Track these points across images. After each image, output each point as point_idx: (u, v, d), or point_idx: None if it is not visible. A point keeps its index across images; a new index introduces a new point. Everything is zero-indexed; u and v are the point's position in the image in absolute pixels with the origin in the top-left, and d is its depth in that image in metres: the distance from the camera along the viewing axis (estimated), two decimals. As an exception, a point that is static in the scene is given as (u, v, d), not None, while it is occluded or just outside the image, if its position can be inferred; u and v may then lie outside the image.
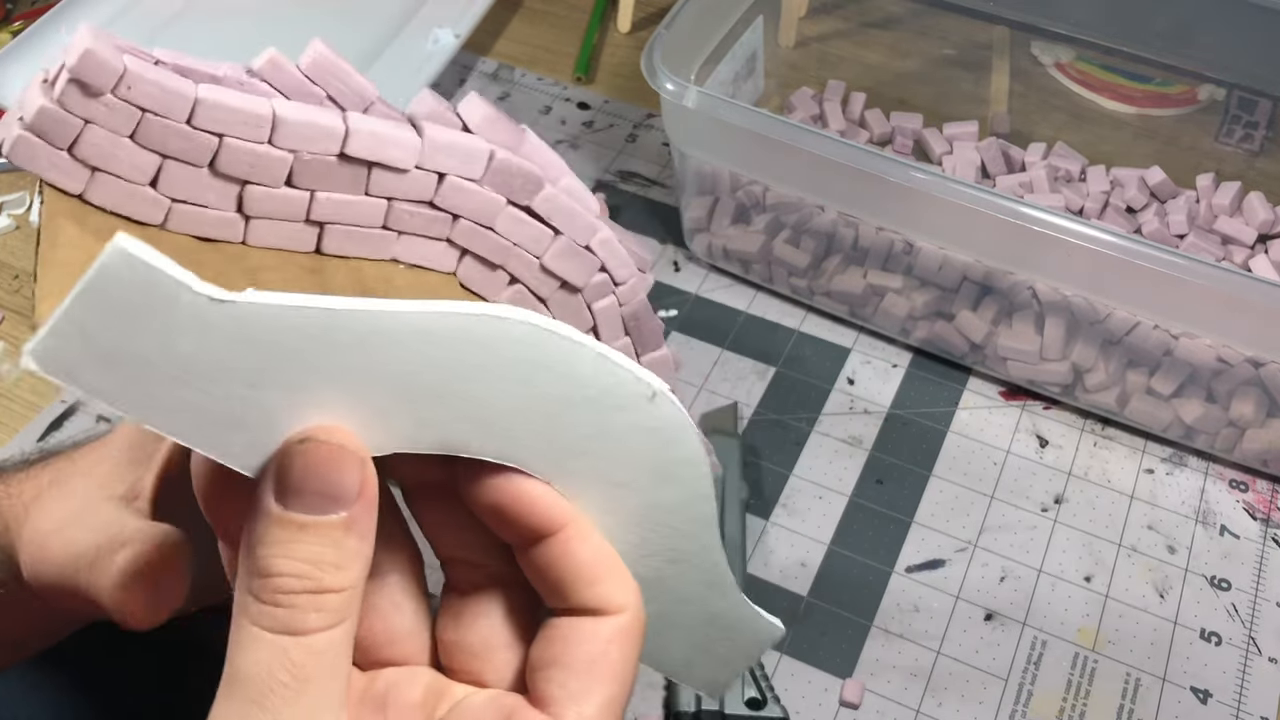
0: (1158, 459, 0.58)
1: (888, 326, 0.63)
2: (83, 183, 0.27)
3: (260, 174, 0.27)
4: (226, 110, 0.26)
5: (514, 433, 0.24)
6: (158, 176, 0.27)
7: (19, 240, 0.69)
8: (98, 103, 0.26)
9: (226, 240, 0.28)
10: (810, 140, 0.55)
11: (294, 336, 0.22)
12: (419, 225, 0.30)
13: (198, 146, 0.27)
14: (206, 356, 0.22)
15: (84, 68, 0.26)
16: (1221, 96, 0.67)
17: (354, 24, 0.78)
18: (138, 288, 0.21)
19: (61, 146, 0.27)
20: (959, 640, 0.52)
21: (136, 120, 0.26)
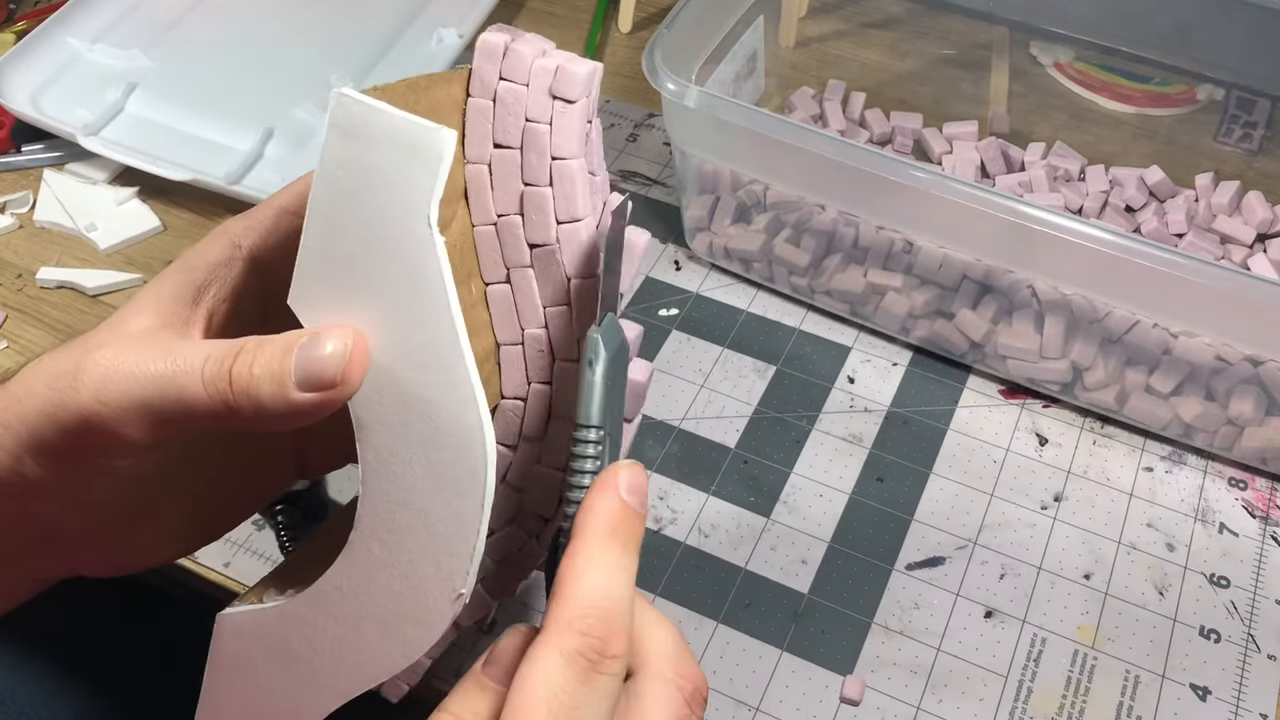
0: (1157, 457, 0.58)
1: (888, 325, 0.63)
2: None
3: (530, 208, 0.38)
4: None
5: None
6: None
7: (22, 239, 0.69)
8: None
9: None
10: (811, 140, 0.55)
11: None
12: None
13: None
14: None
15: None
16: (1220, 96, 0.68)
17: (358, 24, 0.79)
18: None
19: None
20: (959, 637, 0.52)
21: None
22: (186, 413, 0.33)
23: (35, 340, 0.64)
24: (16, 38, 0.77)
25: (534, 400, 0.40)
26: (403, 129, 0.31)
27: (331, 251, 0.33)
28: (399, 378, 0.33)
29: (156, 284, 0.37)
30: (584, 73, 0.37)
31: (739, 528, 0.56)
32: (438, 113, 0.36)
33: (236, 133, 0.71)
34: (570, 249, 0.38)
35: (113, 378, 0.33)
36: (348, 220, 0.32)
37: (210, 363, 0.33)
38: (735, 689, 0.50)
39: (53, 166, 0.73)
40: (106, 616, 0.41)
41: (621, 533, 0.33)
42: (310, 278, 0.33)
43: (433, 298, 0.32)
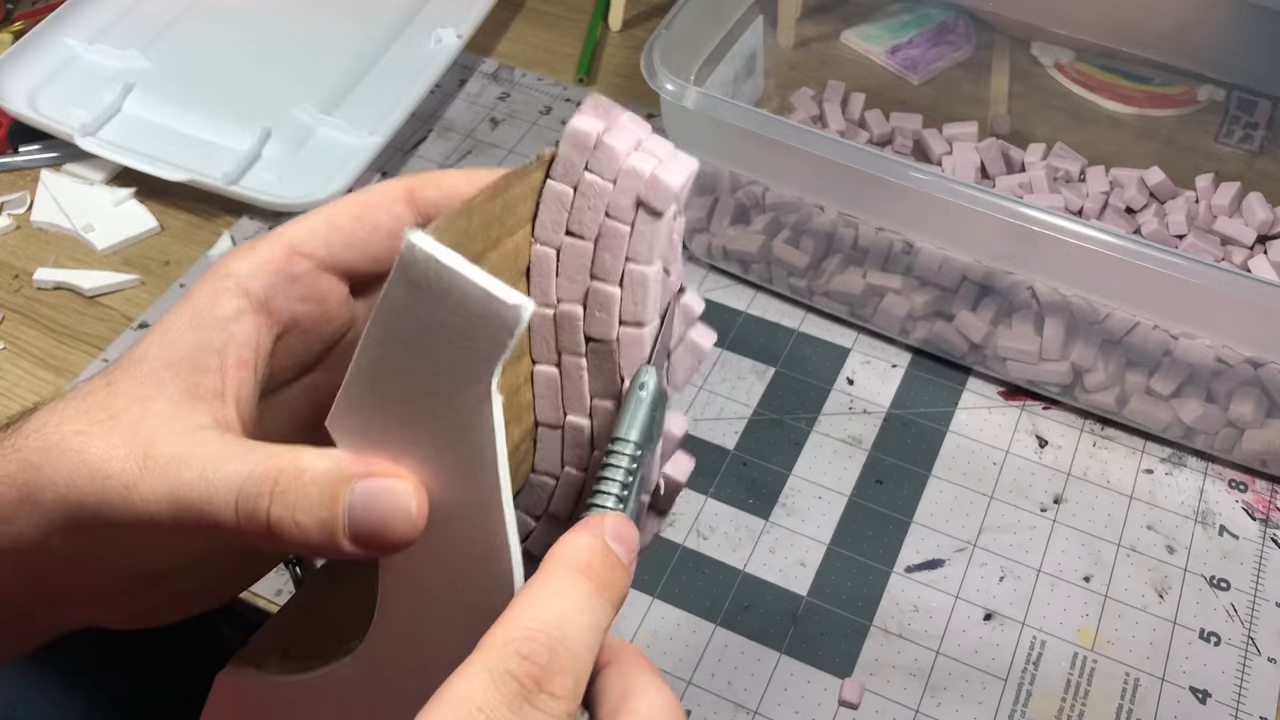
0: (1157, 459, 0.58)
1: (887, 326, 0.63)
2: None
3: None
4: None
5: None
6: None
7: (19, 239, 0.69)
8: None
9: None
10: (810, 140, 0.55)
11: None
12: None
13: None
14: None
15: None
16: (1221, 97, 0.67)
17: (356, 24, 0.79)
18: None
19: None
20: (958, 640, 0.52)
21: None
22: (224, 539, 0.31)
23: (32, 341, 0.64)
24: (14, 38, 0.76)
25: (565, 483, 0.38)
26: (478, 297, 0.29)
27: (382, 387, 0.31)
28: (435, 520, 0.31)
29: (168, 342, 0.33)
30: (679, 184, 0.34)
31: (738, 530, 0.55)
32: (512, 206, 0.34)
33: (234, 133, 0.71)
34: (629, 352, 0.36)
35: (160, 496, 0.30)
36: (405, 363, 0.30)
37: (243, 501, 0.30)
38: (734, 692, 0.50)
39: (50, 167, 0.73)
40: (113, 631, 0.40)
41: (597, 573, 0.29)
42: (354, 405, 0.31)
43: (484, 461, 0.30)
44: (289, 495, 0.30)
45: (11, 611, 0.36)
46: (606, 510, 0.32)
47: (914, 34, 0.75)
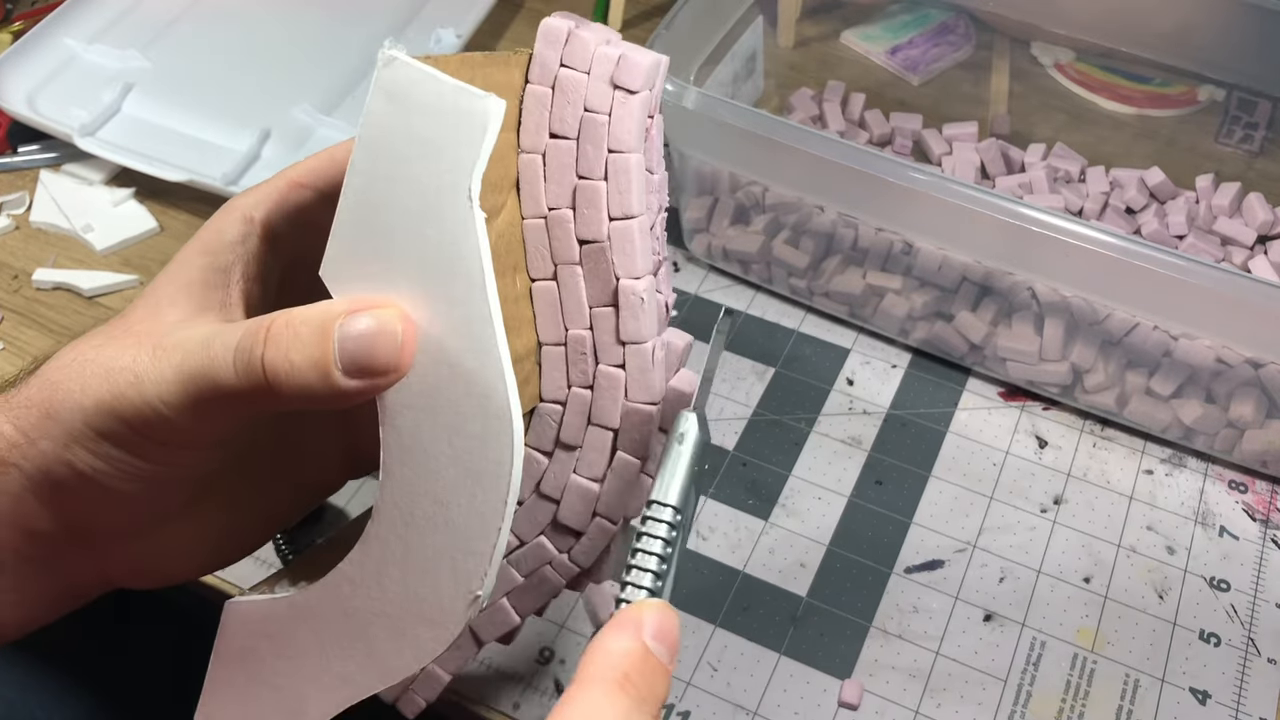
0: (1157, 460, 0.58)
1: (887, 327, 0.63)
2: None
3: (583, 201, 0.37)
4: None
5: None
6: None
7: (18, 240, 0.69)
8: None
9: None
10: (810, 141, 0.55)
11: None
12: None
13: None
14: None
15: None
16: (1221, 97, 0.67)
17: (356, 24, 0.79)
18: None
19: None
20: (958, 641, 0.52)
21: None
22: (230, 403, 0.32)
23: (31, 342, 0.64)
24: (13, 38, 0.76)
25: (573, 404, 0.38)
26: (450, 96, 0.30)
27: (368, 222, 0.32)
28: (429, 358, 0.31)
29: (181, 270, 0.35)
30: (648, 63, 0.36)
31: (737, 530, 0.55)
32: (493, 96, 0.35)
33: (233, 133, 0.71)
34: (621, 246, 0.37)
35: (168, 377, 0.32)
36: (387, 190, 0.31)
37: (239, 353, 0.31)
38: (733, 693, 0.50)
39: (49, 167, 0.73)
40: (114, 621, 0.40)
41: (636, 685, 0.27)
42: (344, 248, 0.32)
43: (469, 275, 0.31)
44: (282, 338, 0.31)
45: (39, 560, 0.36)
46: (644, 592, 0.30)
47: (914, 34, 0.75)
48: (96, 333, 0.35)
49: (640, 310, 0.37)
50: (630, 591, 0.30)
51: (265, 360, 0.31)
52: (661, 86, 0.37)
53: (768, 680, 0.50)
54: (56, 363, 0.34)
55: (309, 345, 0.31)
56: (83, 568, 0.37)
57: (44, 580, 0.37)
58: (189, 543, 0.38)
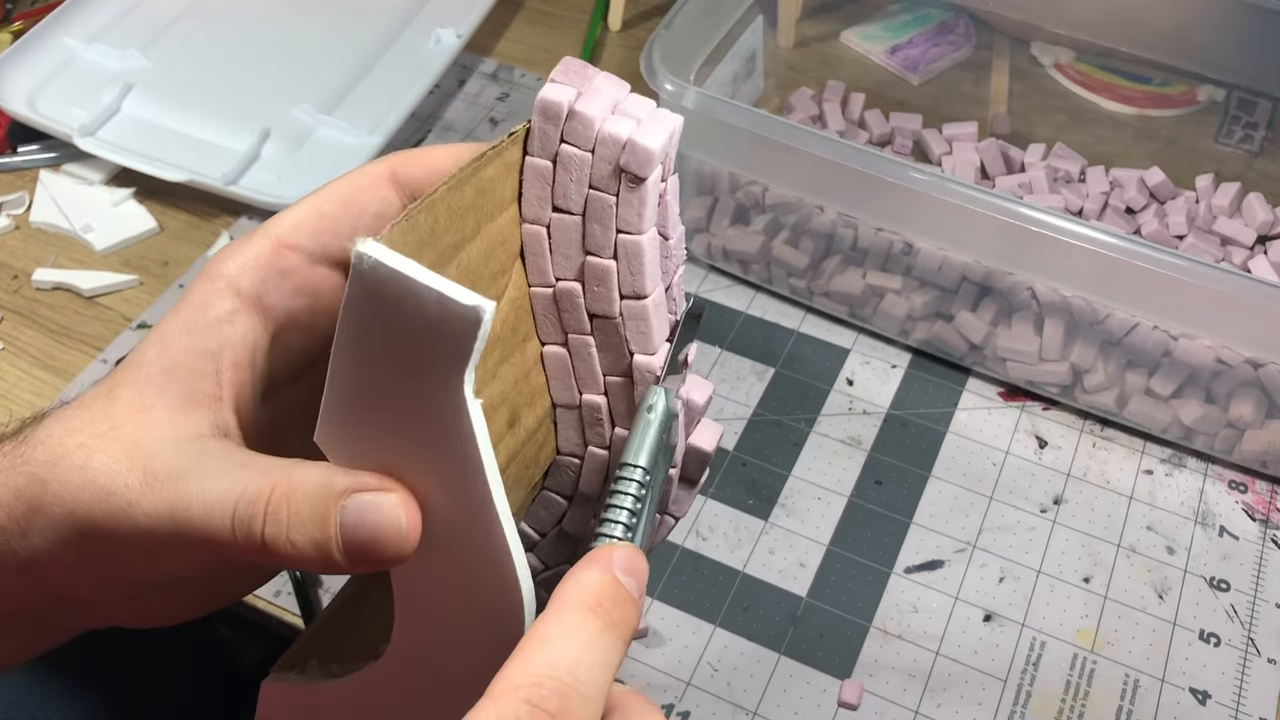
0: (1157, 460, 0.58)
1: (887, 327, 0.63)
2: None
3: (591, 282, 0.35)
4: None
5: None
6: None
7: (18, 240, 0.69)
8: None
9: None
10: (809, 141, 0.55)
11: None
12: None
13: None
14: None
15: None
16: (1221, 97, 0.67)
17: (356, 24, 0.78)
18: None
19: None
20: (958, 641, 0.52)
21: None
22: (225, 555, 0.31)
23: (31, 341, 0.64)
24: (13, 38, 0.76)
25: (590, 462, 0.38)
26: (432, 300, 0.27)
27: (360, 396, 0.30)
28: (433, 527, 0.30)
29: (162, 346, 0.33)
30: (659, 147, 0.32)
31: (737, 530, 0.55)
32: (488, 190, 0.33)
33: (233, 133, 0.71)
34: (634, 325, 0.35)
35: (161, 514, 0.31)
36: (377, 372, 0.29)
37: (238, 522, 0.30)
38: (733, 693, 0.50)
39: (49, 167, 0.73)
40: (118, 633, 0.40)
41: (607, 609, 0.28)
42: (338, 417, 0.30)
43: (468, 465, 0.29)
44: (281, 515, 0.30)
45: (32, 615, 0.36)
46: (615, 540, 0.31)
47: (914, 34, 0.75)
48: (82, 416, 0.32)
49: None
50: (601, 541, 0.31)
51: (266, 536, 0.30)
52: (675, 149, 0.35)
53: (767, 680, 0.50)
54: (42, 450, 0.32)
55: (309, 525, 0.30)
56: (76, 621, 0.37)
57: (37, 630, 0.37)
58: (188, 597, 0.37)
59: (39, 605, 0.35)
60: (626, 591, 0.29)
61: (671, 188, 0.35)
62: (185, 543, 0.31)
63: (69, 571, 0.33)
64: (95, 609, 0.36)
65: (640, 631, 0.51)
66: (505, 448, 0.35)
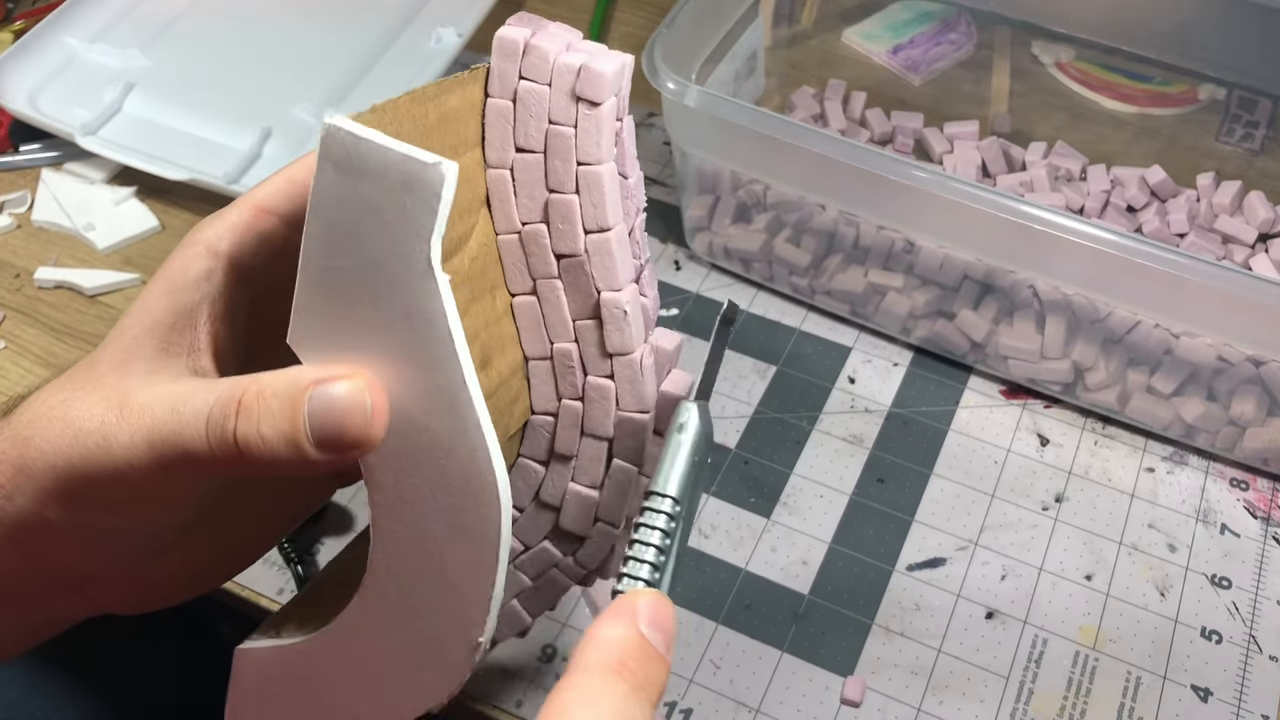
0: (1158, 458, 0.58)
1: (889, 325, 0.63)
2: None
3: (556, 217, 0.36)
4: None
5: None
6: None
7: (20, 238, 0.69)
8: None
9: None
10: (811, 139, 0.55)
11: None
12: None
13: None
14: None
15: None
16: (1222, 96, 0.67)
17: (357, 23, 0.79)
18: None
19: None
20: (960, 638, 0.52)
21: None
22: (201, 469, 0.31)
23: (33, 340, 0.64)
24: (15, 37, 0.76)
25: (565, 416, 0.38)
26: (397, 163, 0.28)
27: (330, 289, 0.31)
28: (406, 421, 0.31)
29: (144, 311, 0.34)
30: (611, 71, 0.34)
31: (739, 528, 0.55)
32: (452, 120, 0.33)
33: (235, 132, 0.71)
34: (600, 260, 0.36)
35: (136, 441, 0.31)
36: (345, 258, 0.30)
37: (211, 425, 0.30)
38: (735, 690, 0.50)
39: (51, 166, 0.73)
40: (118, 621, 0.40)
41: (632, 670, 0.27)
42: (308, 315, 0.31)
43: (438, 342, 0.30)
44: (252, 411, 0.30)
45: (21, 599, 0.36)
46: (639, 583, 0.30)
47: (915, 33, 0.75)
48: (65, 380, 0.34)
49: (624, 322, 0.36)
50: (626, 583, 0.30)
51: (238, 433, 0.30)
52: (629, 87, 0.36)
53: (770, 678, 0.50)
54: (27, 414, 0.33)
55: (279, 418, 0.30)
56: (67, 603, 0.37)
57: (28, 615, 0.37)
58: (176, 574, 0.37)
59: (29, 583, 0.35)
60: (653, 649, 0.28)
61: (627, 128, 0.36)
62: (163, 467, 0.31)
63: (55, 536, 0.33)
64: (87, 587, 0.36)
65: None
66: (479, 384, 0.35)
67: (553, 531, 0.40)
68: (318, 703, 0.35)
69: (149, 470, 0.31)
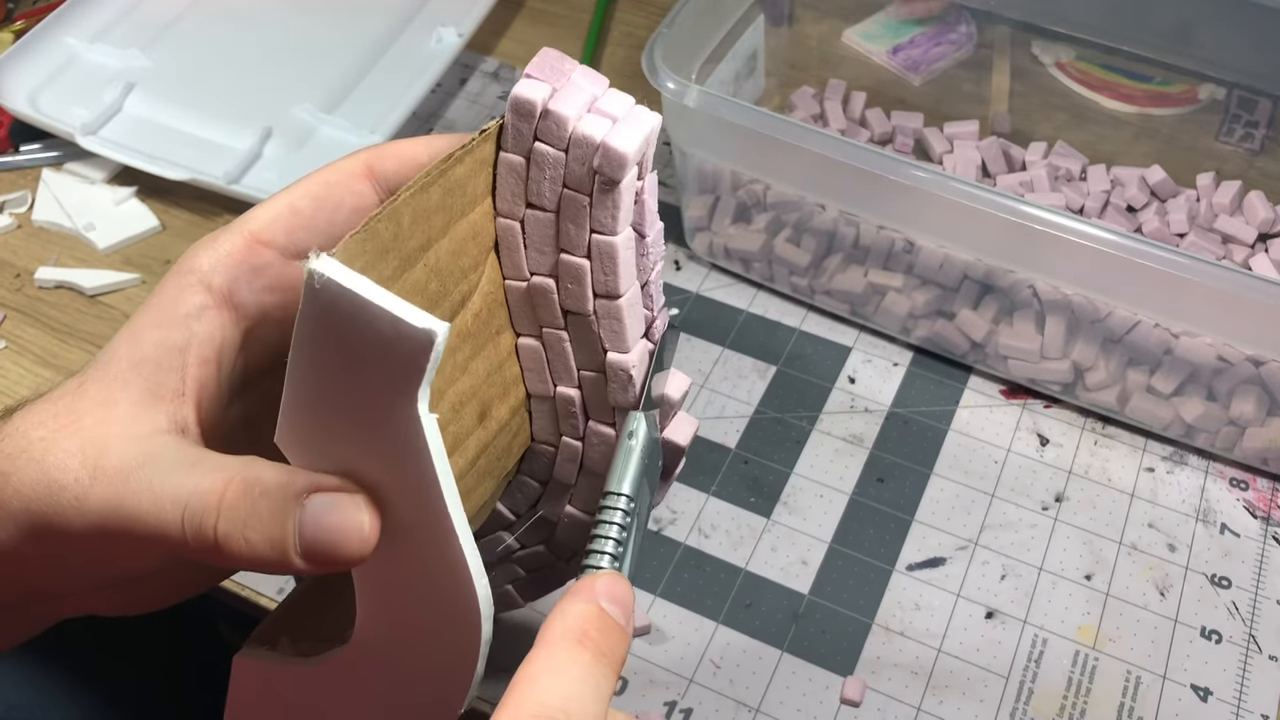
0: (1158, 457, 0.58)
1: (888, 325, 0.63)
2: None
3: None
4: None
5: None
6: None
7: (20, 238, 0.69)
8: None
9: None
10: (811, 139, 0.55)
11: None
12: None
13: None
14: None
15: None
16: (1222, 96, 0.67)
17: (357, 23, 0.79)
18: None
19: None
20: (960, 638, 0.52)
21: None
22: (174, 551, 0.30)
23: (34, 340, 0.64)
24: (15, 37, 0.76)
25: (564, 451, 0.38)
26: (385, 320, 0.27)
27: (318, 405, 0.30)
28: (391, 529, 0.30)
29: (132, 341, 0.33)
30: (632, 150, 0.32)
31: (739, 528, 0.55)
32: (458, 189, 0.32)
33: (235, 132, 0.71)
34: (609, 324, 0.35)
35: (108, 510, 0.30)
36: (331, 386, 0.29)
37: (189, 517, 0.29)
38: (735, 690, 0.50)
39: (51, 166, 0.73)
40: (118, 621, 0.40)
41: (595, 640, 0.28)
42: (297, 422, 0.30)
43: (425, 475, 0.29)
44: (238, 511, 0.29)
45: (4, 606, 0.36)
46: (600, 570, 0.32)
47: (915, 33, 0.75)
48: (46, 411, 0.32)
49: (630, 384, 0.35)
50: (588, 571, 0.32)
51: (219, 531, 0.29)
52: (653, 148, 0.34)
53: (770, 677, 0.50)
54: (8, 446, 0.32)
55: (267, 524, 0.29)
56: (50, 611, 0.37)
57: (10, 619, 0.37)
58: (160, 587, 0.37)
59: (9, 597, 0.35)
60: (613, 619, 0.29)
61: (649, 185, 0.34)
62: (133, 538, 0.30)
63: (30, 564, 0.33)
64: (63, 601, 0.36)
65: (643, 629, 0.51)
66: (475, 440, 0.35)
67: (549, 540, 0.40)
68: (311, 717, 0.36)
69: (118, 536, 0.30)
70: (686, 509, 0.56)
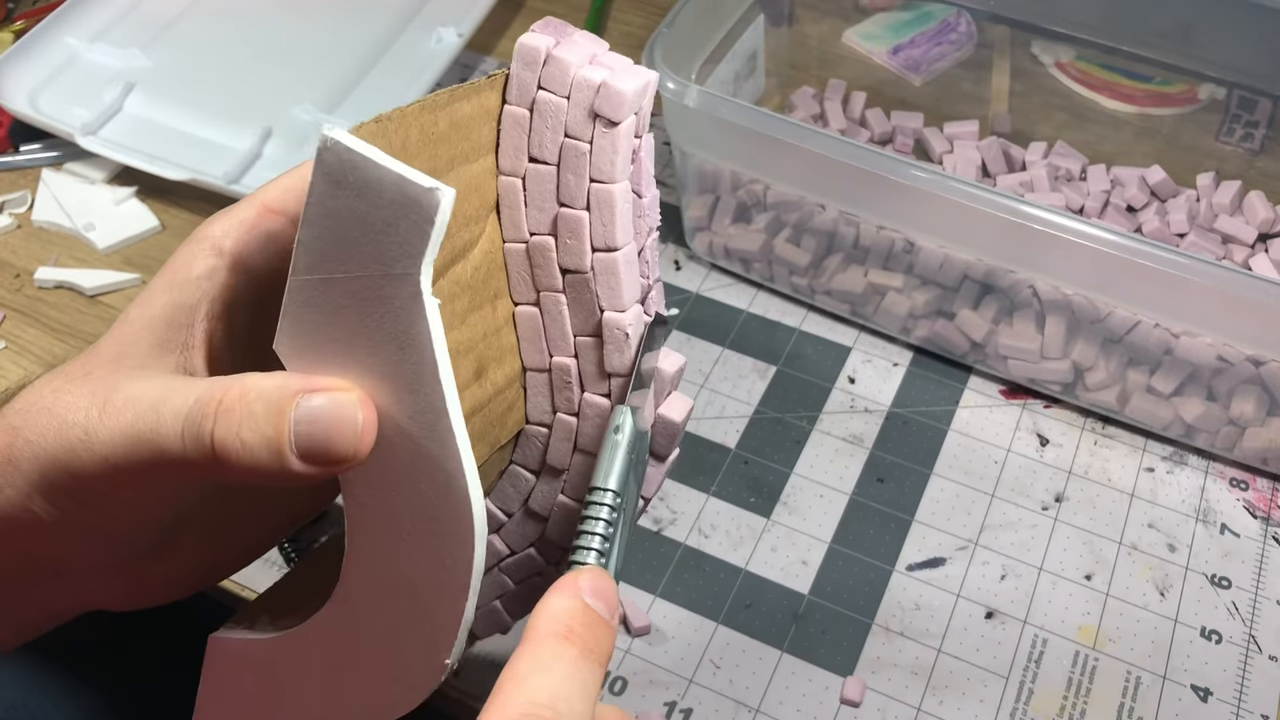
0: (1158, 457, 0.58)
1: (888, 325, 0.63)
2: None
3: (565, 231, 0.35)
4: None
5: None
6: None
7: (20, 238, 0.69)
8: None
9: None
10: (811, 139, 0.55)
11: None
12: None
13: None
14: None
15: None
16: (1222, 96, 0.67)
17: (357, 23, 0.79)
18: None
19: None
20: (960, 638, 0.52)
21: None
22: (177, 470, 0.31)
23: (34, 340, 0.64)
24: (15, 37, 0.76)
25: (558, 430, 0.38)
26: (393, 184, 0.28)
27: (318, 299, 0.30)
28: (388, 440, 0.30)
29: (145, 304, 0.34)
30: (632, 91, 0.33)
31: (739, 528, 0.55)
32: (463, 128, 0.33)
33: (235, 132, 0.71)
34: (605, 279, 0.35)
35: (116, 437, 0.31)
36: (336, 270, 0.29)
37: (188, 424, 0.30)
38: (735, 690, 0.50)
39: (51, 166, 0.73)
40: (114, 621, 0.40)
41: (581, 636, 0.29)
42: (296, 323, 0.31)
43: (424, 365, 0.29)
44: (233, 414, 0.29)
45: (10, 590, 0.36)
46: (584, 566, 0.31)
47: (915, 33, 0.75)
48: (61, 371, 0.33)
49: (626, 345, 0.36)
50: (575, 568, 0.32)
51: (215, 435, 0.29)
52: (650, 105, 0.35)
53: (770, 677, 0.50)
54: (20, 404, 0.33)
55: (262, 423, 0.29)
56: (58, 597, 0.37)
57: (18, 607, 0.37)
58: (167, 575, 0.37)
59: (17, 575, 0.35)
60: (597, 615, 0.29)
61: (646, 146, 0.35)
62: (141, 465, 0.31)
63: (41, 530, 0.33)
64: (75, 581, 0.36)
65: (643, 629, 0.51)
66: (470, 397, 0.35)
67: (539, 540, 0.40)
68: (285, 699, 0.35)
69: (126, 468, 0.31)
70: (686, 509, 0.56)
